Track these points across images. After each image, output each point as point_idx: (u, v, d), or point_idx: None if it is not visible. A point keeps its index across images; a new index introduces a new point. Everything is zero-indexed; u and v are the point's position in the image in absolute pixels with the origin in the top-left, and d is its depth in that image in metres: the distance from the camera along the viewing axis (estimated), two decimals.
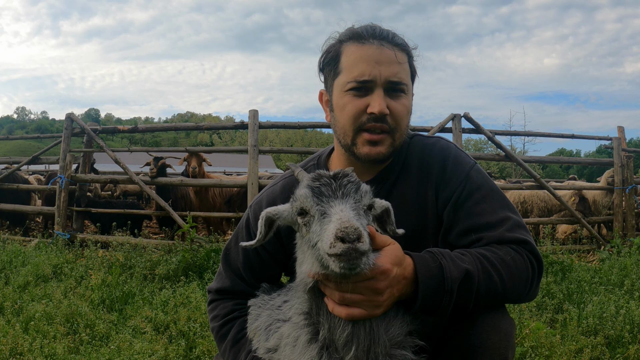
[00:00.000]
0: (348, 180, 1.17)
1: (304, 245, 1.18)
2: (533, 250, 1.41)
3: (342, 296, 1.15)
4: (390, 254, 1.18)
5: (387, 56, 1.43)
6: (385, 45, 1.44)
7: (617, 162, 7.71)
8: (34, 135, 12.79)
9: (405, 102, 1.48)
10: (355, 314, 1.15)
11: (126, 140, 57.12)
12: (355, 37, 1.46)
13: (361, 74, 1.42)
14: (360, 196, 1.16)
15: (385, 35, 1.46)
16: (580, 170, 38.44)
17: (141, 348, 2.87)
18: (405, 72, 1.47)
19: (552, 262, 4.92)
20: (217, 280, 1.67)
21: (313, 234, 1.12)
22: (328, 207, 1.11)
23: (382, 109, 1.41)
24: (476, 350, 1.28)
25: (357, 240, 1.02)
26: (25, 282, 4.45)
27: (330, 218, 1.08)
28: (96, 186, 11.71)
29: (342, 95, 1.47)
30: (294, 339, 1.22)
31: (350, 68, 1.45)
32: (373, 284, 1.15)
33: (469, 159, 1.55)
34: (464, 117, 7.00)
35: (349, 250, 1.01)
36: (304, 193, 1.16)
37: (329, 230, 1.05)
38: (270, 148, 7.75)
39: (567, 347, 2.96)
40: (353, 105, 1.45)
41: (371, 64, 1.42)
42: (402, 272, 1.20)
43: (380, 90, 1.43)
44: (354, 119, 1.46)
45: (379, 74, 1.42)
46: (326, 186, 1.15)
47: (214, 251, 5.06)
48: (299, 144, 59.71)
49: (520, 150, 31.73)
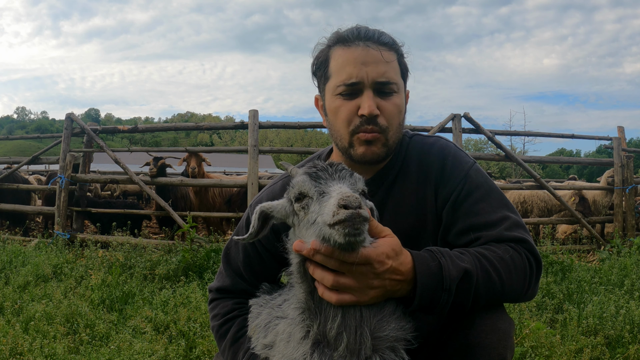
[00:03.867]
0: (342, 167, 1.20)
1: (302, 228, 1.18)
2: (532, 249, 1.41)
3: (337, 280, 1.14)
4: (387, 244, 1.18)
5: (373, 57, 1.43)
6: (370, 46, 1.44)
7: (617, 162, 7.71)
8: (34, 135, 12.80)
9: (396, 101, 1.47)
10: (346, 299, 1.15)
11: (126, 140, 57.13)
12: (341, 41, 1.47)
13: (349, 77, 1.43)
14: (355, 181, 1.18)
15: (371, 36, 1.46)
16: (580, 170, 38.46)
17: (141, 348, 2.87)
18: (394, 71, 1.47)
19: (552, 262, 4.93)
20: (217, 279, 1.67)
21: (312, 213, 1.12)
22: (326, 187, 1.13)
23: (371, 110, 1.42)
24: (475, 349, 1.28)
25: (359, 207, 1.03)
26: (25, 282, 4.45)
27: (330, 194, 1.09)
28: (96, 186, 11.74)
29: (333, 99, 1.49)
30: (288, 334, 1.23)
31: (339, 72, 1.46)
32: (367, 269, 1.15)
33: (468, 158, 1.55)
34: (464, 117, 7.00)
35: (352, 215, 1.02)
36: (301, 179, 1.18)
37: (330, 202, 1.07)
38: (270, 148, 7.76)
39: (567, 347, 2.96)
40: (345, 108, 1.46)
41: (357, 66, 1.42)
42: (398, 265, 1.20)
43: (369, 92, 1.43)
44: (347, 122, 1.47)
45: (366, 75, 1.42)
46: (323, 171, 1.17)
47: (214, 251, 5.06)
48: (299, 144, 59.74)
49: (520, 150, 31.78)
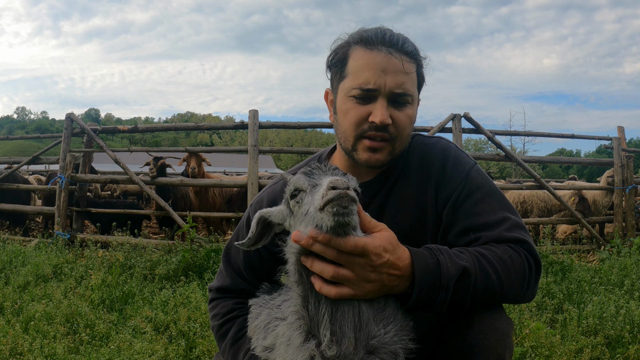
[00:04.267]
0: (336, 167, 1.23)
1: (297, 222, 1.19)
2: (531, 250, 1.41)
3: (337, 271, 1.14)
4: (383, 237, 1.19)
5: (394, 65, 1.40)
6: (393, 53, 1.41)
7: (617, 162, 7.71)
8: (34, 135, 12.80)
9: (409, 113, 1.46)
10: (344, 292, 1.15)
11: (126, 140, 57.07)
12: (364, 42, 1.44)
13: (366, 82, 1.41)
14: (348, 179, 1.18)
15: (395, 42, 1.42)
16: (580, 170, 38.41)
17: (141, 348, 2.87)
18: (412, 82, 1.45)
19: (552, 262, 4.93)
20: (217, 279, 1.67)
21: (305, 204, 1.14)
22: (319, 180, 1.16)
23: (383, 119, 1.40)
24: (473, 349, 1.28)
25: (347, 189, 1.05)
26: (25, 282, 4.46)
27: (322, 185, 1.12)
28: (96, 186, 11.73)
29: (345, 99, 1.46)
30: (288, 338, 1.22)
31: (356, 74, 1.43)
32: (365, 261, 1.15)
33: (469, 159, 1.55)
34: (464, 117, 7.00)
35: (340, 194, 1.04)
36: (296, 177, 1.21)
37: (320, 189, 1.10)
38: (270, 148, 7.77)
39: (567, 347, 2.96)
40: (356, 111, 1.44)
41: (377, 73, 1.40)
42: (396, 260, 1.20)
43: (383, 100, 1.41)
44: (355, 125, 1.45)
45: (384, 84, 1.40)
46: (318, 169, 1.20)
47: (214, 251, 5.06)
48: (299, 144, 59.68)
49: (520, 150, 31.76)
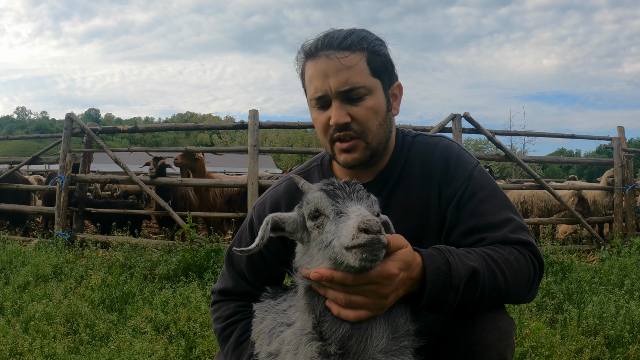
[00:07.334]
0: (359, 187, 1.19)
1: (313, 248, 1.15)
2: (535, 252, 1.43)
3: (349, 299, 1.14)
4: (400, 259, 1.18)
5: (333, 66, 1.42)
6: (330, 55, 1.42)
7: (617, 162, 7.71)
8: (34, 135, 12.79)
9: (368, 104, 1.45)
10: (362, 315, 1.15)
11: (126, 140, 57.06)
12: (307, 54, 1.49)
13: (316, 91, 1.46)
14: (372, 203, 1.17)
15: (331, 44, 1.43)
16: (580, 170, 38.40)
17: (141, 348, 2.87)
18: (360, 73, 1.43)
19: (552, 262, 4.93)
20: (220, 281, 1.67)
21: (327, 233, 1.10)
22: (344, 207, 1.11)
23: (337, 119, 1.43)
24: (475, 348, 1.29)
25: (379, 232, 1.02)
26: (25, 282, 4.45)
27: (349, 215, 1.07)
28: (96, 186, 11.73)
29: (312, 111, 1.54)
30: (295, 346, 1.20)
31: (309, 87, 1.50)
32: (378, 288, 1.14)
33: (472, 158, 1.55)
34: (464, 117, 7.00)
35: (373, 240, 1.01)
36: (318, 195, 1.16)
37: (348, 224, 1.05)
38: (270, 148, 7.76)
39: (567, 347, 2.96)
40: (320, 120, 1.50)
41: (321, 79, 1.43)
42: (410, 274, 1.20)
43: (336, 102, 1.44)
44: (323, 132, 1.51)
45: (329, 87, 1.43)
46: (340, 190, 1.15)
47: (214, 251, 5.06)
48: (299, 144, 59.58)
49: (520, 150, 31.80)
